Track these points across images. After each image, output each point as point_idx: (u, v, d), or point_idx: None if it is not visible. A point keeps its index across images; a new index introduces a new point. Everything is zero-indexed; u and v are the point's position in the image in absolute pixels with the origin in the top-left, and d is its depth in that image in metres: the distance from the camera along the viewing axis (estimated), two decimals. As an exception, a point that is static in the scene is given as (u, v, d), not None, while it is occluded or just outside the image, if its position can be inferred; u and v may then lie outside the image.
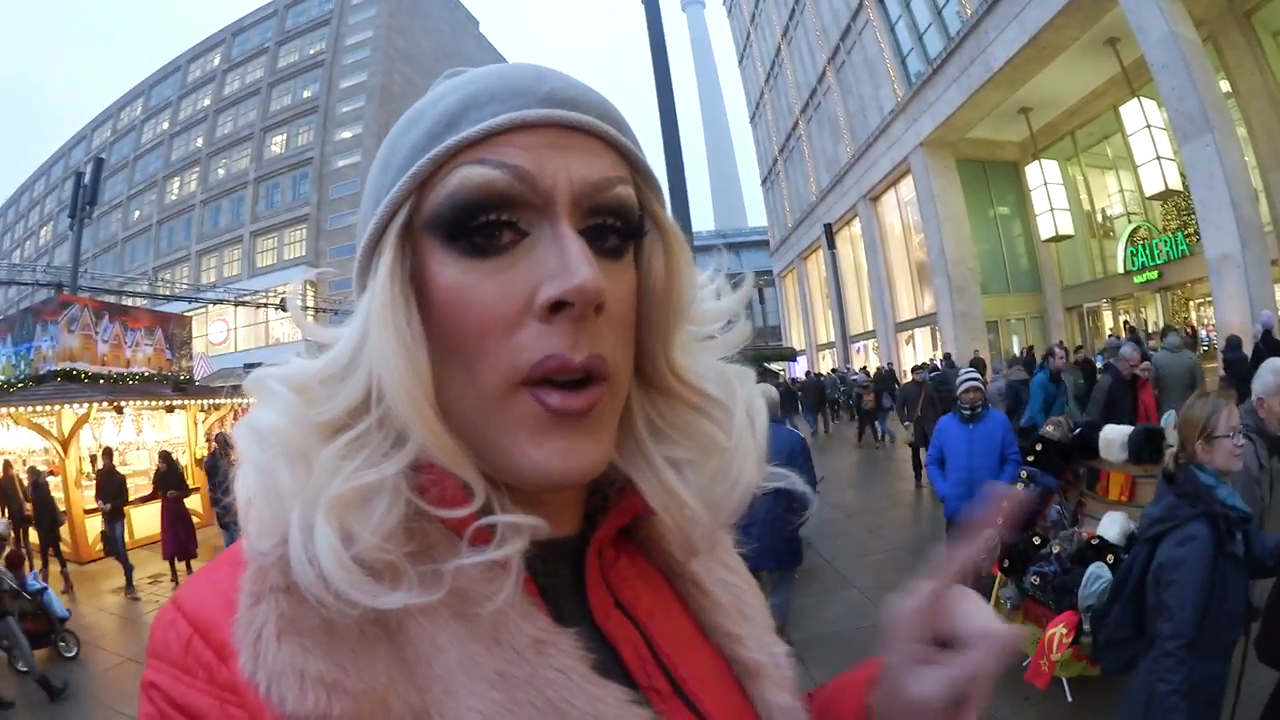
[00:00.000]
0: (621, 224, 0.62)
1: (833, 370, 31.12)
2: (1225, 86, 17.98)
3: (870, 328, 35.65)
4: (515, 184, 0.56)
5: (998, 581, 5.43)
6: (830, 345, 40.79)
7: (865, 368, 29.58)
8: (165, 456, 12.15)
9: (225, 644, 0.51)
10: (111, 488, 11.24)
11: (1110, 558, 4.77)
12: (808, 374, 31.64)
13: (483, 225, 0.57)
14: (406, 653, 0.54)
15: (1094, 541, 5.03)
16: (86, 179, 18.58)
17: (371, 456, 0.56)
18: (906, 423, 13.49)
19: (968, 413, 6.36)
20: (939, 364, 19.43)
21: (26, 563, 7.94)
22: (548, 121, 0.58)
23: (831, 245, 28.81)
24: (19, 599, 7.16)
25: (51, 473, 13.03)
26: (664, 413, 0.69)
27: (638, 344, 0.66)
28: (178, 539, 11.08)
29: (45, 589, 7.73)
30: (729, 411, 0.69)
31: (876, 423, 19.39)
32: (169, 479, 11.61)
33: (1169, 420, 5.31)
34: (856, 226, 35.28)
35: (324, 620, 0.51)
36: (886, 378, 21.96)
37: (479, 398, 0.57)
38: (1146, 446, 5.28)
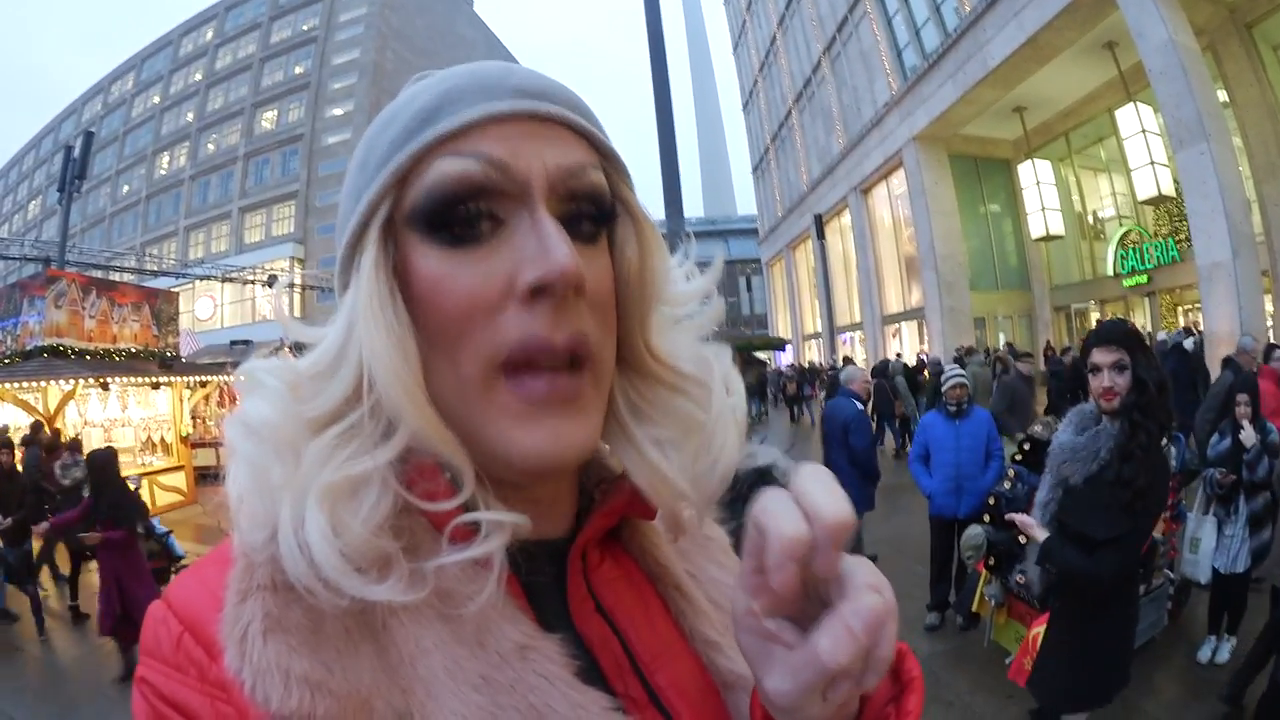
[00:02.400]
0: (595, 210, 0.63)
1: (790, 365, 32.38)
2: (1223, 96, 18.08)
3: (857, 320, 35.76)
4: (491, 173, 0.57)
5: (983, 579, 5.45)
6: (816, 336, 40.84)
7: (848, 357, 29.71)
8: (99, 464, 6.95)
9: (215, 642, 0.52)
10: (10, 497, 8.26)
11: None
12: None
13: (461, 215, 0.58)
14: (391, 654, 0.54)
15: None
16: (76, 153, 18.42)
17: (363, 445, 0.56)
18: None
19: (954, 409, 6.39)
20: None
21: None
22: (520, 113, 0.59)
23: (821, 236, 28.83)
24: (150, 540, 7.72)
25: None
26: (644, 394, 0.69)
27: (617, 327, 0.66)
28: (113, 606, 6.32)
29: (169, 532, 8.31)
30: (707, 388, 0.69)
31: (797, 406, 25.00)
32: (108, 499, 6.60)
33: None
34: (846, 218, 35.35)
35: (310, 619, 0.52)
36: (808, 371, 28.08)
37: (461, 385, 0.58)
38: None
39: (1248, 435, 5.10)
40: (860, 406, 6.95)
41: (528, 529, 0.58)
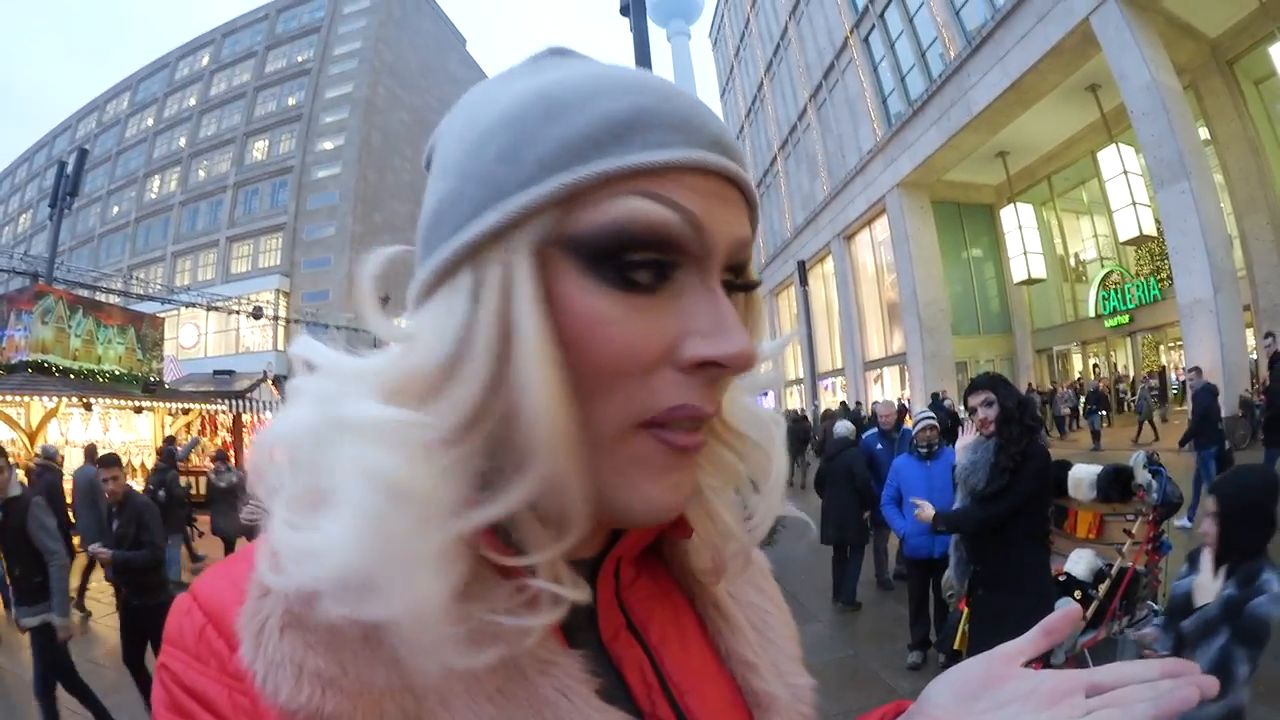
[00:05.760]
0: (741, 283, 0.60)
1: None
2: (1204, 133, 18.43)
3: (839, 365, 35.92)
4: (687, 231, 0.53)
5: (964, 617, 5.44)
6: (799, 382, 40.92)
7: (844, 403, 29.82)
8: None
9: (235, 634, 0.51)
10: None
11: (1077, 594, 4.82)
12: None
13: (636, 260, 0.52)
14: (407, 661, 0.52)
15: (1061, 578, 5.07)
16: (69, 169, 18.31)
17: (481, 492, 0.52)
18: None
19: (924, 451, 6.45)
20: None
21: None
22: (718, 170, 0.55)
23: (804, 282, 28.93)
24: None
25: (16, 464, 12.77)
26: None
27: None
28: None
29: None
30: (767, 456, 0.68)
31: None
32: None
33: (1138, 460, 5.40)
34: (830, 264, 35.61)
35: (330, 620, 0.50)
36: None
37: (594, 433, 0.53)
38: (1115, 485, 5.35)
39: None
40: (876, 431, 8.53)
41: (586, 601, 0.55)
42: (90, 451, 11.25)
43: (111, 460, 6.00)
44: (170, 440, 13.80)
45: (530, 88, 0.55)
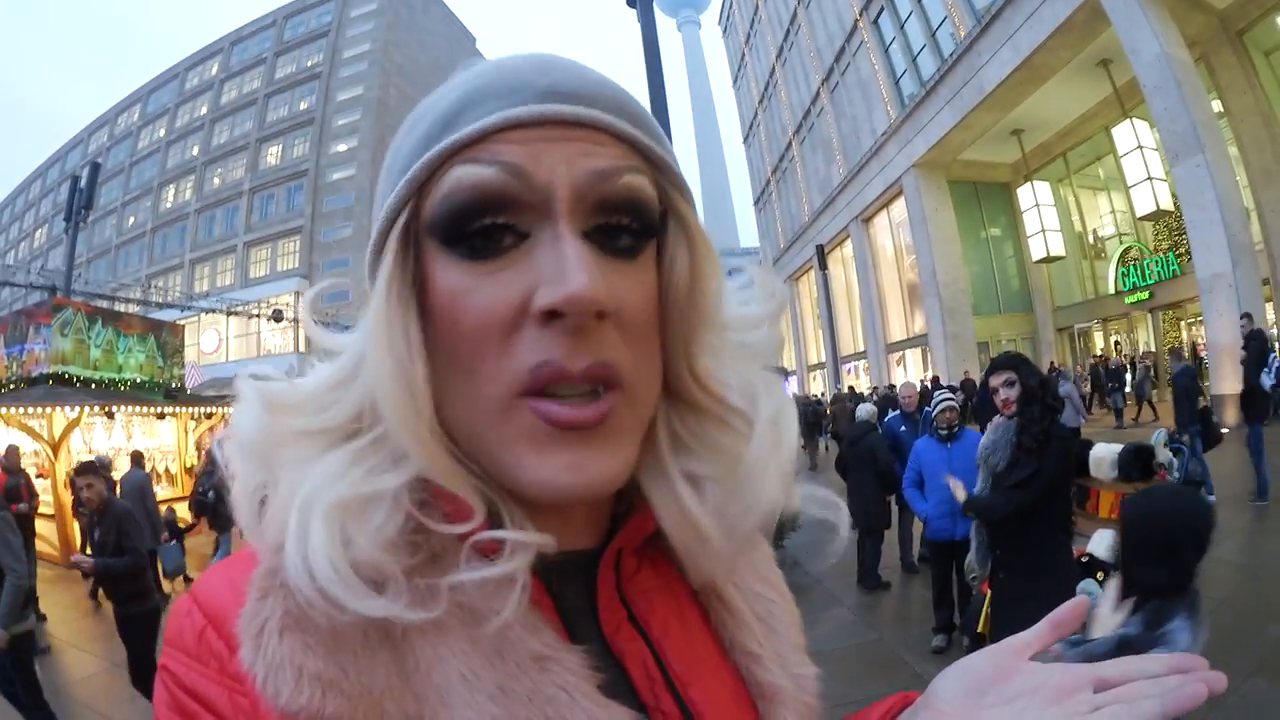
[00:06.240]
0: (634, 221, 0.57)
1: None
2: (1217, 106, 18.18)
3: (861, 349, 35.76)
4: (510, 181, 0.53)
5: (988, 599, 5.42)
6: (821, 366, 40.87)
7: (853, 387, 29.72)
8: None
9: (235, 636, 0.52)
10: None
11: (1100, 574, 4.79)
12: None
13: (481, 227, 0.54)
14: (407, 661, 0.53)
15: (1083, 559, 5.04)
16: (83, 183, 18.44)
17: (378, 465, 0.55)
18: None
19: (945, 433, 6.39)
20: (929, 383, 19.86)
21: None
22: (544, 118, 0.55)
23: (823, 266, 28.77)
24: None
25: (40, 475, 13.00)
26: (688, 423, 0.65)
27: (661, 350, 0.62)
28: None
29: None
30: (750, 423, 0.64)
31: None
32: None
33: (1159, 439, 5.38)
34: (848, 248, 35.47)
35: (329, 621, 0.51)
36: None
37: (479, 409, 0.55)
38: (1136, 465, 5.31)
39: None
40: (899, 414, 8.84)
41: (553, 547, 0.56)
42: (136, 456, 11.72)
43: (88, 468, 5.98)
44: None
45: (411, 114, 0.61)
